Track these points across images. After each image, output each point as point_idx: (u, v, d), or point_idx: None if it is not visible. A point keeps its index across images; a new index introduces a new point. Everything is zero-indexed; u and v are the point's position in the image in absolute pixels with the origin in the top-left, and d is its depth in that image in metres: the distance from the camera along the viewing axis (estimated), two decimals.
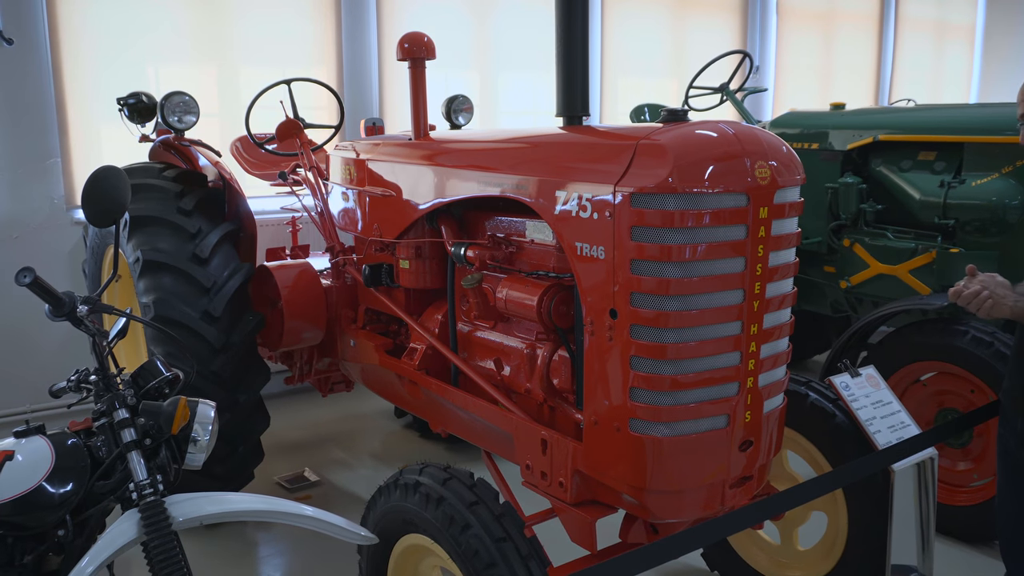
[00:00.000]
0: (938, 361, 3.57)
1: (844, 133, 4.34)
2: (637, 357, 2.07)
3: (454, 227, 2.84)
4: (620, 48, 6.52)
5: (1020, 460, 2.24)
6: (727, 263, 2.04)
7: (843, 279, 4.40)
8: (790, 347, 2.31)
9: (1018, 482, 2.29)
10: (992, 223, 3.77)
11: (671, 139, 2.03)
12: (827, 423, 2.75)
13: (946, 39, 9.07)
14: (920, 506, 2.63)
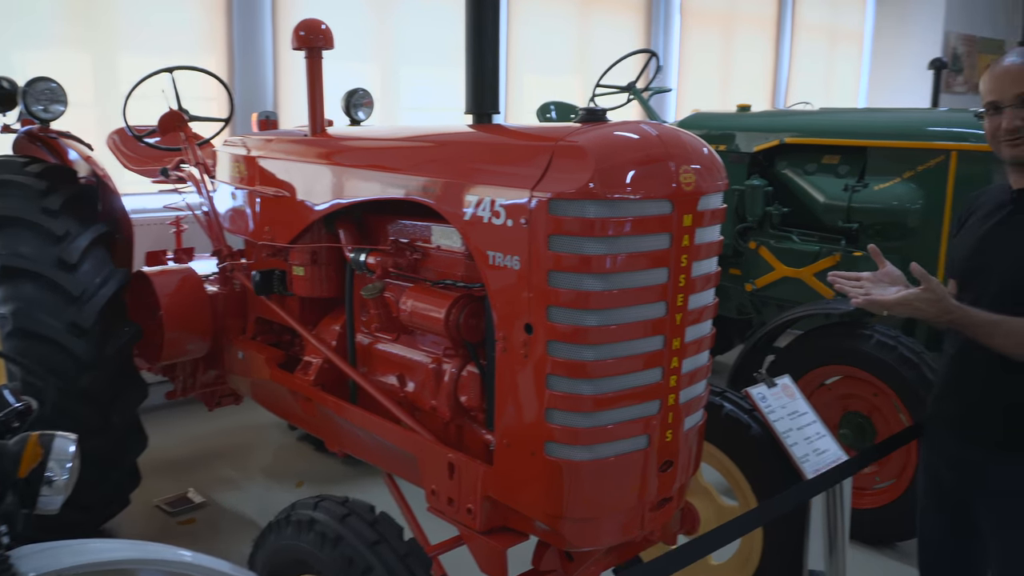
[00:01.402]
0: (843, 365, 3.57)
1: (750, 135, 4.32)
2: (554, 375, 1.92)
3: (353, 231, 2.63)
4: (525, 45, 6.40)
5: (949, 485, 2.18)
6: (649, 274, 1.91)
7: (748, 282, 4.39)
8: (710, 360, 2.21)
9: (946, 507, 2.23)
10: (894, 227, 3.81)
11: (591, 141, 1.88)
12: (743, 435, 2.67)
13: (837, 44, 9.33)
14: (829, 514, 2.59)
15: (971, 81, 10.00)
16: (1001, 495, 2.04)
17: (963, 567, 2.27)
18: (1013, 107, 1.97)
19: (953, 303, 2.00)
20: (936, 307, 1.99)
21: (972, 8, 9.57)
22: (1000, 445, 2.03)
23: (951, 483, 2.17)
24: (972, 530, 2.16)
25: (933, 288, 1.99)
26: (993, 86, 2.00)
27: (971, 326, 1.98)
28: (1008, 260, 2.01)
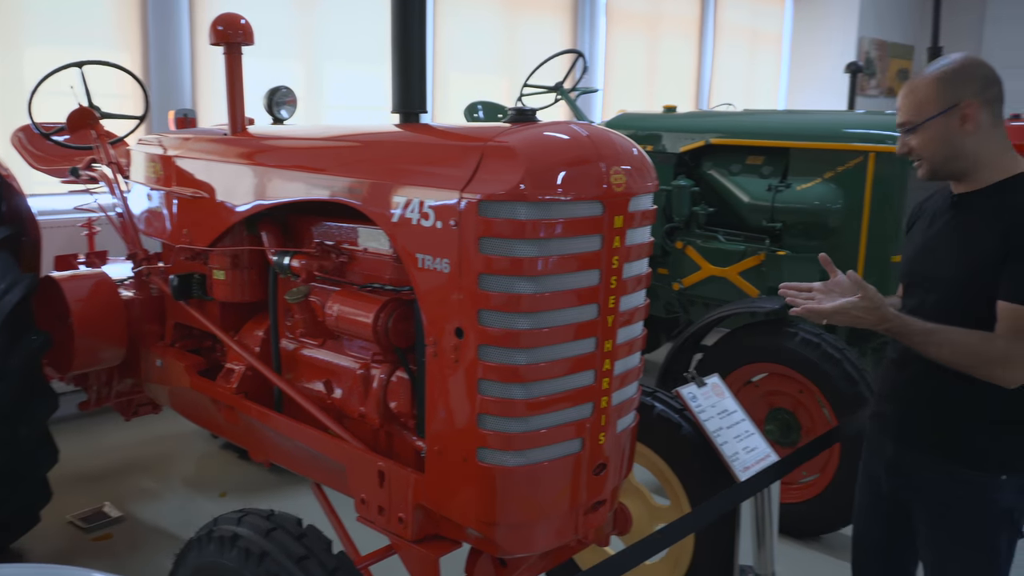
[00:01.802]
0: (768, 363, 3.63)
1: (676, 136, 4.37)
2: (486, 380, 1.88)
3: (277, 234, 2.54)
4: (451, 44, 6.34)
5: (887, 487, 2.20)
6: (582, 276, 1.89)
7: (676, 281, 4.43)
8: (642, 361, 2.21)
9: (882, 509, 2.25)
10: (816, 226, 3.89)
11: (521, 141, 1.85)
12: (674, 435, 2.69)
13: (758, 46, 9.54)
14: (758, 513, 2.63)
15: (883, 84, 10.36)
16: (933, 500, 2.06)
17: (896, 567, 2.30)
18: (902, 133, 2.04)
19: (890, 312, 2.00)
20: (873, 315, 1.99)
21: (883, 14, 9.91)
22: (932, 451, 2.05)
23: (888, 485, 2.19)
24: (907, 532, 2.19)
25: (870, 296, 1.99)
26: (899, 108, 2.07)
27: (907, 335, 1.99)
28: (946, 265, 2.03)
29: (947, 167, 2.00)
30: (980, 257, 1.92)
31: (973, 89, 1.93)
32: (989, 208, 1.95)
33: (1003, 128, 1.99)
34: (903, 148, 2.05)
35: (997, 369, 1.88)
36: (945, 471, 2.02)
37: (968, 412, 1.98)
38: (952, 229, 2.03)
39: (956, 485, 2.00)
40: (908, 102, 2.01)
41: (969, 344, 1.90)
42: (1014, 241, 1.86)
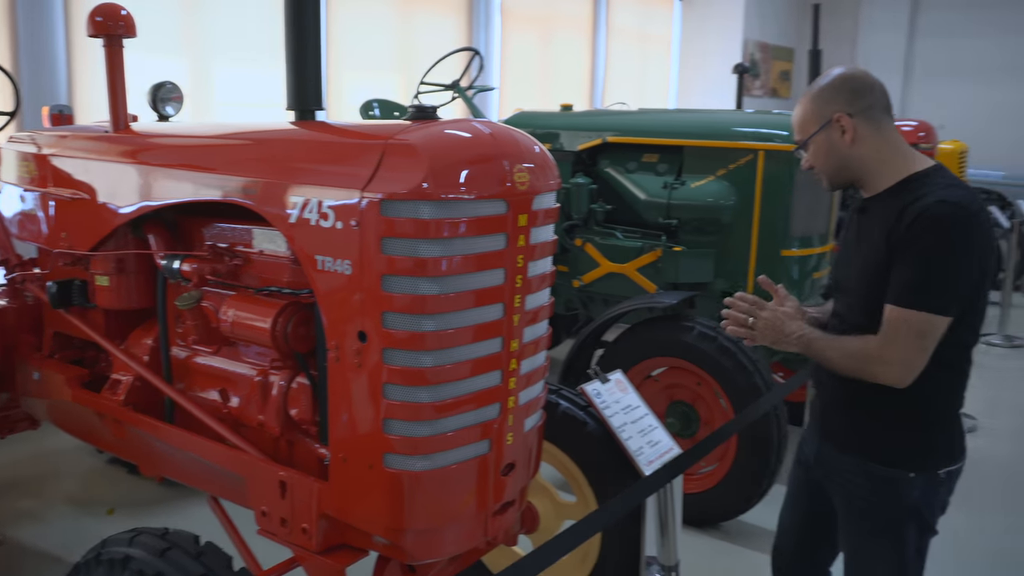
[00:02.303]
0: (667, 357, 3.71)
1: (574, 134, 4.40)
2: (391, 384, 1.84)
3: (165, 236, 2.42)
4: (345, 41, 6.22)
5: (812, 475, 2.27)
6: (487, 276, 1.87)
7: (575, 278, 4.47)
8: (547, 360, 2.21)
9: (807, 493, 2.32)
10: (709, 223, 3.99)
11: (423, 139, 1.82)
12: (579, 431, 2.70)
13: (649, 47, 9.76)
14: (662, 505, 2.67)
15: (767, 85, 10.76)
16: (849, 495, 2.13)
17: (812, 550, 2.39)
18: (803, 151, 2.11)
19: (790, 329, 2.05)
20: (773, 334, 2.07)
21: (766, 18, 10.30)
22: (849, 449, 2.11)
23: (817, 478, 2.25)
24: (828, 517, 2.25)
25: (767, 317, 2.05)
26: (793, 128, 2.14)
27: (809, 351, 2.05)
28: (851, 271, 2.08)
29: (841, 177, 2.08)
30: (869, 262, 1.98)
31: (844, 101, 2.00)
32: (880, 212, 1.99)
33: (891, 133, 2.03)
34: (805, 164, 2.13)
35: (876, 368, 1.93)
36: (860, 468, 2.08)
37: (880, 413, 2.04)
38: (855, 235, 2.10)
39: (870, 482, 2.06)
40: (795, 122, 2.11)
41: (851, 348, 1.97)
42: (893, 242, 1.91)
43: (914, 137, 6.02)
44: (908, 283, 1.87)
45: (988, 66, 10.49)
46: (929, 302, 1.86)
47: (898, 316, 1.88)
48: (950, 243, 1.84)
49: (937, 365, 1.93)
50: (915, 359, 1.89)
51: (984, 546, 3.62)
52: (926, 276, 1.85)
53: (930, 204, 1.86)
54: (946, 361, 1.95)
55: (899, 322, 1.88)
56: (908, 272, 1.87)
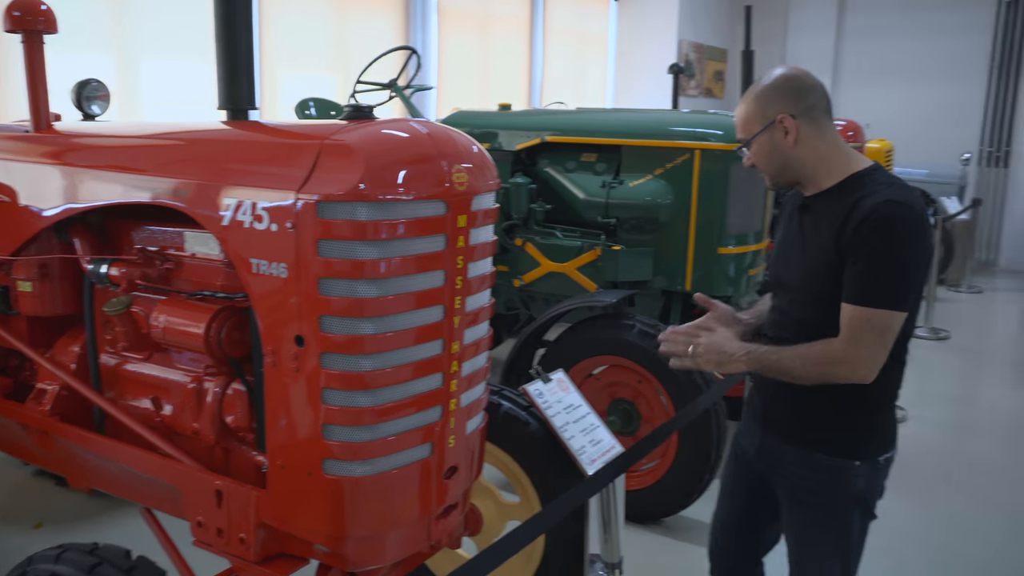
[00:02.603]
0: (608, 355, 3.73)
1: (512, 133, 4.40)
2: (329, 389, 1.80)
3: (92, 240, 2.33)
4: (279, 39, 6.11)
5: (756, 469, 2.29)
6: (426, 278, 1.85)
7: (516, 278, 4.47)
8: (489, 361, 2.19)
9: (747, 488, 2.35)
10: (647, 221, 4.03)
11: (360, 139, 1.79)
12: (522, 432, 2.70)
13: (586, 47, 9.82)
14: (604, 504, 2.68)
15: (702, 85, 10.93)
16: (795, 486, 2.16)
17: (751, 543, 2.42)
18: (746, 149, 2.13)
19: (733, 348, 2.06)
20: (717, 357, 2.07)
21: (699, 19, 10.46)
22: (794, 440, 2.14)
23: (757, 467, 2.28)
24: (767, 510, 2.29)
25: (705, 343, 2.07)
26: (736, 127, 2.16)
27: (761, 368, 2.05)
28: (794, 269, 2.09)
29: (784, 176, 2.10)
30: (817, 259, 2.00)
31: (787, 102, 2.02)
32: (825, 210, 2.02)
33: (832, 133, 2.06)
34: (748, 162, 2.15)
35: (841, 369, 1.94)
36: (805, 459, 2.11)
37: (825, 403, 2.06)
38: (799, 233, 2.12)
39: (816, 472, 2.10)
40: (738, 121, 2.12)
41: (813, 355, 1.96)
42: (843, 242, 1.93)
43: (844, 136, 6.18)
44: (866, 282, 1.90)
45: (912, 67, 10.84)
46: (889, 299, 1.89)
47: (861, 315, 1.90)
48: (901, 241, 1.88)
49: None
50: (879, 355, 1.92)
51: (914, 533, 3.74)
52: (883, 274, 1.88)
53: (878, 204, 1.89)
54: (891, 352, 1.99)
55: (862, 321, 1.90)
56: (865, 271, 1.89)
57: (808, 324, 2.03)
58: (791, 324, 2.11)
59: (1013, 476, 4.37)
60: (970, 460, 4.56)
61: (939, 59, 10.71)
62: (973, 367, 6.49)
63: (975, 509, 3.96)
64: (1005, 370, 6.55)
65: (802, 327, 2.05)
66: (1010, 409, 5.44)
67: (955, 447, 4.75)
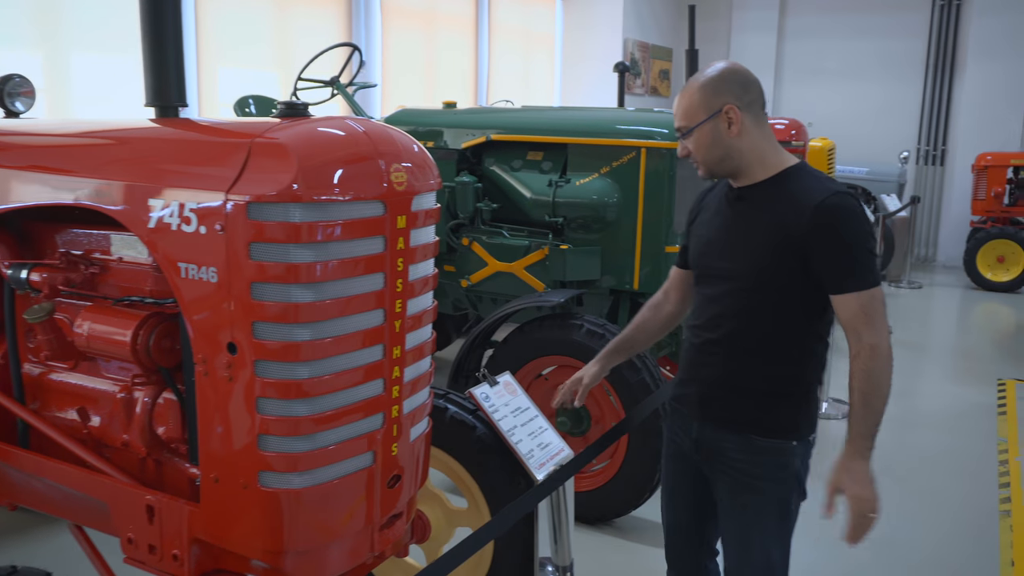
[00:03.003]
0: (557, 355, 3.69)
1: (458, 132, 4.34)
2: (265, 398, 1.73)
3: (11, 243, 2.21)
4: (218, 34, 5.95)
5: (694, 466, 2.31)
6: (364, 281, 1.78)
7: (463, 278, 4.41)
8: (432, 365, 2.14)
9: (690, 487, 2.36)
10: (594, 220, 4.00)
11: (293, 137, 1.71)
12: (468, 436, 2.64)
13: (532, 45, 9.80)
14: (554, 507, 2.65)
15: (648, 84, 11.00)
16: (736, 471, 2.18)
17: (705, 543, 2.42)
18: (679, 137, 2.17)
19: (859, 465, 2.03)
20: (869, 482, 2.04)
21: (644, 18, 10.51)
22: (732, 425, 2.17)
23: (695, 463, 2.29)
24: (713, 507, 2.30)
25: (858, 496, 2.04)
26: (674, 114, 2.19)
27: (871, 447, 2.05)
28: (737, 256, 2.12)
29: (722, 166, 2.14)
30: (764, 246, 2.05)
31: (734, 94, 2.08)
32: (764, 201, 2.09)
33: (768, 128, 2.15)
34: (683, 151, 2.19)
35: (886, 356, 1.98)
36: (745, 443, 2.15)
37: (760, 387, 2.13)
38: (736, 222, 2.15)
39: (755, 455, 2.15)
40: (680, 109, 2.15)
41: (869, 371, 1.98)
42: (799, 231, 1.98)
43: (786, 135, 6.26)
44: (855, 268, 1.97)
45: (852, 67, 11.05)
46: (876, 277, 1.99)
47: (867, 299, 1.97)
48: (860, 226, 1.98)
49: (816, 338, 2.13)
50: (887, 326, 2.00)
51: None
52: (862, 256, 1.97)
53: (831, 195, 1.98)
54: (822, 334, 2.14)
55: (869, 303, 1.97)
56: (848, 258, 1.97)
57: (753, 310, 2.10)
58: (733, 313, 2.15)
59: (951, 469, 4.46)
60: (911, 454, 4.64)
61: (878, 60, 10.94)
62: (915, 362, 6.62)
63: (914, 502, 4.02)
64: (946, 364, 6.71)
65: (746, 314, 2.12)
66: (950, 403, 5.56)
67: (897, 441, 4.83)
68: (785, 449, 2.13)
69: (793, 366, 2.11)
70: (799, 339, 2.12)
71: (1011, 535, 3.68)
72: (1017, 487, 4.15)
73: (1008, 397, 5.60)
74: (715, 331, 2.17)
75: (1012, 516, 3.85)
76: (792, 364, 2.12)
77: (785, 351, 2.11)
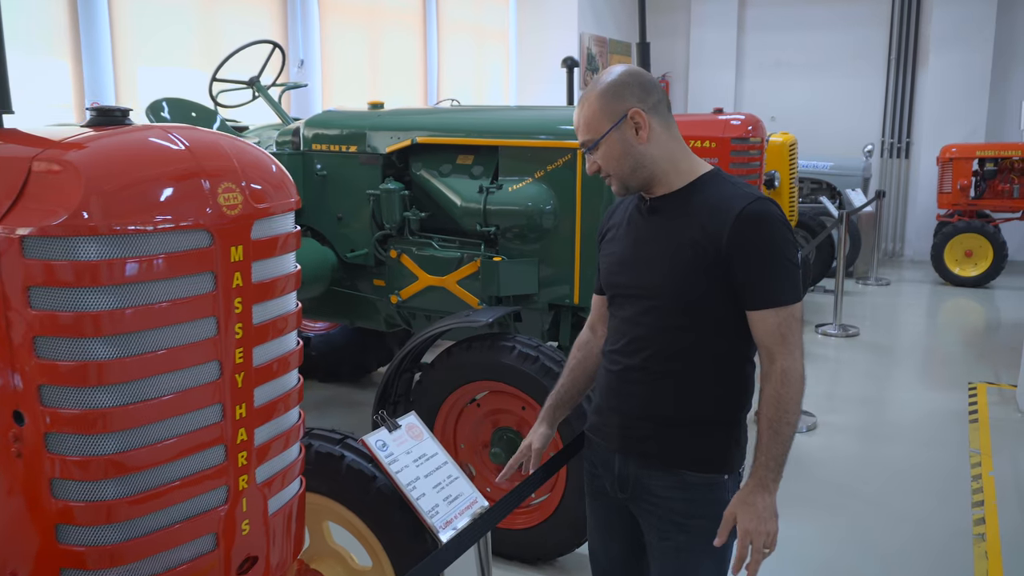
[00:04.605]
0: (488, 380, 3.36)
1: (382, 135, 3.98)
2: (62, 481, 1.38)
3: None
4: (138, 33, 5.54)
5: (617, 502, 2.07)
6: (189, 328, 1.45)
7: (393, 293, 4.06)
8: (302, 416, 1.80)
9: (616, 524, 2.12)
10: (530, 229, 3.66)
11: (86, 154, 1.37)
12: (368, 488, 2.29)
13: (485, 42, 9.45)
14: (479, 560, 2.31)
15: None
16: (665, 509, 1.98)
17: None
18: (587, 152, 1.94)
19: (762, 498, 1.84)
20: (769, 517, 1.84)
21: (600, 11, 10.19)
22: (659, 460, 1.97)
23: (619, 499, 2.06)
24: (639, 544, 2.10)
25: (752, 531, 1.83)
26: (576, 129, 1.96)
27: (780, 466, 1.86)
28: (653, 272, 1.92)
29: (635, 178, 1.92)
30: (685, 259, 1.87)
31: (637, 97, 1.88)
32: (682, 211, 1.90)
33: (677, 132, 1.95)
34: (592, 167, 1.95)
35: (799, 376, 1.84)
36: (674, 480, 1.96)
37: (688, 417, 1.94)
38: (652, 235, 1.94)
39: (687, 492, 1.96)
40: (582, 122, 1.92)
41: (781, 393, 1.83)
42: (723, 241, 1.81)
43: (743, 131, 5.95)
44: (775, 283, 1.83)
45: (813, 60, 10.80)
46: (797, 292, 1.86)
47: (785, 316, 1.83)
48: (785, 236, 1.86)
49: (743, 358, 1.94)
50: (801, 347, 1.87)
51: (819, 551, 3.48)
52: (783, 270, 1.83)
53: (752, 203, 1.83)
54: (750, 356, 1.95)
55: (787, 320, 1.84)
56: (768, 273, 1.83)
57: (676, 330, 1.91)
58: (652, 335, 1.94)
59: (922, 486, 4.17)
60: (879, 470, 4.34)
61: (840, 52, 10.71)
62: (884, 365, 6.35)
63: (882, 526, 3.73)
64: (917, 366, 6.44)
65: (670, 332, 1.92)
66: (919, 410, 5.29)
67: (864, 456, 4.53)
68: (717, 483, 1.95)
69: (721, 390, 1.93)
70: (726, 360, 1.93)
71: (986, 563, 3.39)
72: (992, 507, 3.87)
73: (979, 402, 5.34)
74: (634, 356, 1.96)
75: (987, 541, 3.57)
76: (720, 388, 1.93)
77: (712, 375, 1.92)
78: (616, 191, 1.94)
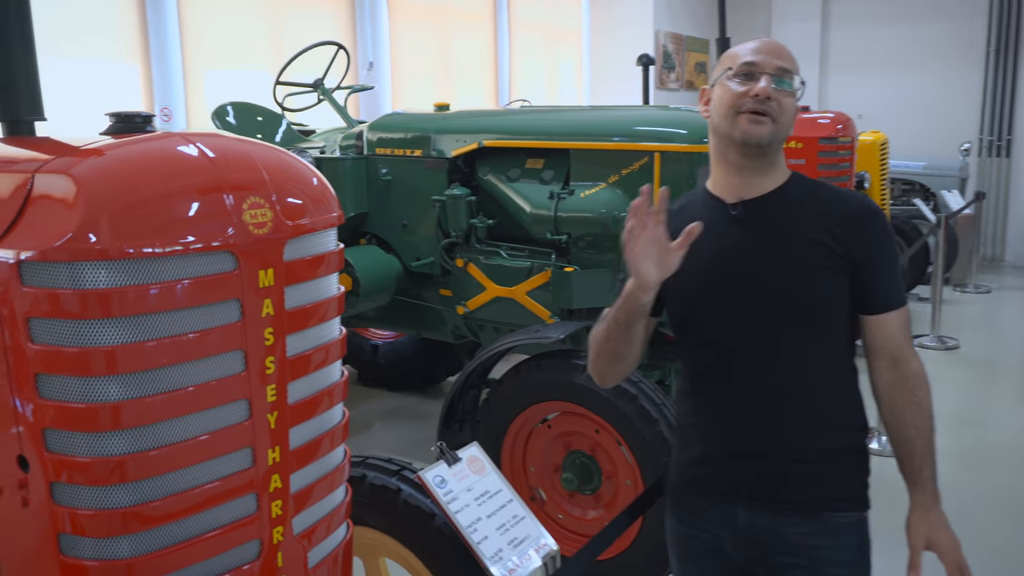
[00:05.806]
0: (558, 400, 3.13)
1: (448, 138, 3.80)
2: (72, 536, 1.22)
3: None
4: (205, 38, 5.51)
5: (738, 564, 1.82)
6: (211, 364, 1.27)
7: (460, 304, 3.87)
8: (347, 456, 1.61)
9: None
10: (604, 238, 3.43)
11: (95, 167, 1.20)
12: (427, 526, 2.10)
13: (557, 42, 9.23)
14: None
15: (683, 78, 10.34)
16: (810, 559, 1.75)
17: None
18: (771, 75, 1.69)
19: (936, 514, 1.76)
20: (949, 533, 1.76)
21: (676, 8, 9.86)
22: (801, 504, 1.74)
23: (740, 560, 1.81)
24: None
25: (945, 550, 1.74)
26: (756, 49, 1.73)
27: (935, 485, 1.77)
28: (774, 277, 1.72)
29: (778, 139, 1.72)
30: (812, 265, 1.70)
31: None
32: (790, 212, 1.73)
33: None
34: (767, 93, 1.68)
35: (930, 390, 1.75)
36: (817, 524, 1.74)
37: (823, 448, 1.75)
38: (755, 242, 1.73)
39: (833, 536, 1.75)
40: (786, 53, 1.74)
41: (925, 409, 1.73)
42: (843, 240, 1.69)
43: (832, 130, 5.58)
44: (897, 283, 1.75)
45: (904, 53, 10.24)
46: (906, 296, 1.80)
47: (905, 317, 1.75)
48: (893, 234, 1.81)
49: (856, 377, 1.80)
50: None
51: None
52: (898, 271, 1.77)
53: (862, 203, 1.75)
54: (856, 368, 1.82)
55: (908, 322, 1.76)
56: (892, 272, 1.74)
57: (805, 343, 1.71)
58: (774, 355, 1.72)
59: None
60: (985, 502, 3.96)
61: (933, 44, 10.12)
62: (986, 382, 5.87)
63: (984, 557, 3.35)
64: (1019, 383, 5.95)
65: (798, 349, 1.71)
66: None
67: (966, 480, 4.15)
68: (862, 523, 1.78)
69: (851, 414, 1.78)
70: (849, 377, 1.77)
71: None
72: None
73: None
74: (750, 386, 1.73)
75: None
76: (849, 410, 1.78)
77: (841, 395, 1.76)
78: (764, 133, 1.67)
